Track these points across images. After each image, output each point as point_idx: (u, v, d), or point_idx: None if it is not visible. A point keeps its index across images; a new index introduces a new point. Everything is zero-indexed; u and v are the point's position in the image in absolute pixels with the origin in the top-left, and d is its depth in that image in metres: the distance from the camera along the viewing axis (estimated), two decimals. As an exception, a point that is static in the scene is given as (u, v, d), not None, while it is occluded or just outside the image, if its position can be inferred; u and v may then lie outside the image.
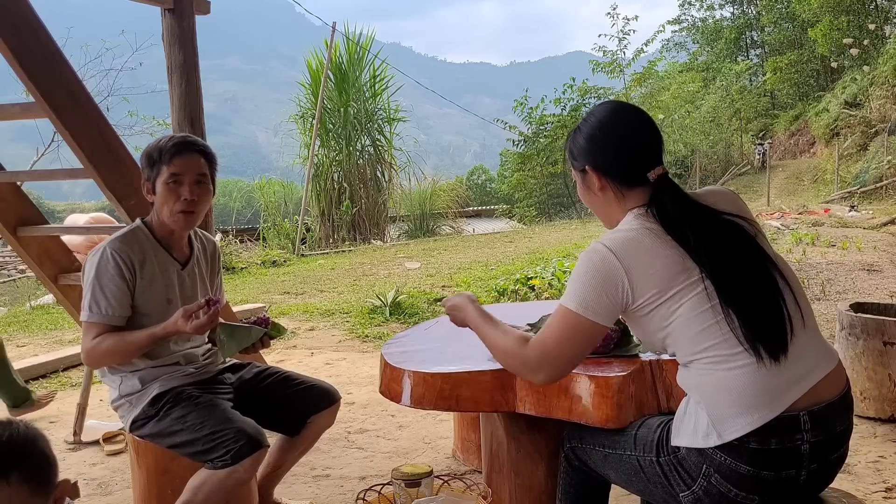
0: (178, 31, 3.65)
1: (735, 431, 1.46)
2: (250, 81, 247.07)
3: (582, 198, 1.76)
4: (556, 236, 12.15)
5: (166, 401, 2.17)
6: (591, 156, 1.67)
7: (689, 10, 31.60)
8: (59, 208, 25.00)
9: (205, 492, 2.03)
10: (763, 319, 1.49)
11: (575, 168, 1.73)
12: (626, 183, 1.64)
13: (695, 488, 1.52)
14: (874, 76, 18.77)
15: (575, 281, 1.58)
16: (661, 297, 1.52)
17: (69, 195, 60.11)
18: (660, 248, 1.53)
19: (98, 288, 2.10)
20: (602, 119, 1.67)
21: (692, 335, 1.51)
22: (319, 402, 2.40)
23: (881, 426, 3.28)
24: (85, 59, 12.14)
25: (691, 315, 1.50)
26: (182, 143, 2.22)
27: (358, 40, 15.00)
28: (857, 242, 8.92)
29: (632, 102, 19.18)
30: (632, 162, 1.63)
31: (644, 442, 1.64)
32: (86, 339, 2.12)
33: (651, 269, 1.52)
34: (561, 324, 1.58)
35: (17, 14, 2.77)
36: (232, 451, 2.00)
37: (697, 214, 1.58)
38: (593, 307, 1.54)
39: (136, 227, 2.24)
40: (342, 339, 5.63)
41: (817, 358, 1.53)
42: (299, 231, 12.62)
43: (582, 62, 20.98)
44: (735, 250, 1.54)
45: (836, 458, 1.55)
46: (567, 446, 1.84)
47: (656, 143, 1.66)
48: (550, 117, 21.06)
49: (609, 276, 1.53)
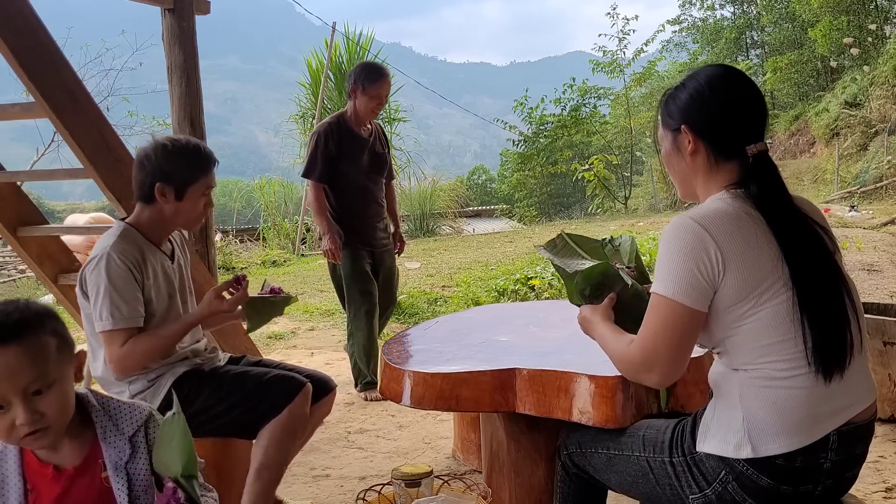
0: (178, 31, 3.66)
1: (770, 449, 1.41)
2: (250, 81, 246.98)
3: (666, 163, 1.60)
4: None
5: (188, 386, 2.20)
6: (692, 113, 1.51)
7: (689, 10, 31.60)
8: (59, 208, 24.96)
9: (275, 444, 2.14)
10: (830, 341, 1.42)
11: (667, 127, 1.56)
12: (722, 151, 1.49)
13: (708, 492, 1.48)
14: (874, 76, 18.76)
15: (663, 262, 1.44)
16: (744, 294, 1.40)
17: (69, 195, 60.07)
18: (759, 238, 1.41)
19: (115, 293, 2.08)
20: (712, 78, 1.51)
21: (762, 344, 1.42)
22: (318, 390, 2.44)
23: (881, 426, 3.28)
24: (85, 59, 12.15)
25: (770, 324, 1.40)
26: (212, 155, 2.27)
27: (358, 40, 14.98)
28: (857, 242, 8.92)
29: (631, 102, 19.07)
30: (735, 129, 1.48)
31: (655, 443, 1.60)
32: (113, 349, 2.08)
33: (746, 257, 1.39)
34: (656, 314, 1.45)
35: (17, 14, 2.77)
36: (281, 395, 2.14)
37: (795, 213, 1.47)
38: (686, 289, 1.40)
39: (126, 229, 2.22)
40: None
41: (861, 392, 1.49)
42: (299, 231, 12.61)
43: (582, 62, 20.96)
44: (819, 264, 1.44)
45: (850, 476, 1.53)
46: (564, 453, 1.80)
47: (763, 118, 1.52)
48: (550, 117, 21.03)
49: (699, 250, 1.39)
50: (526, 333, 2.23)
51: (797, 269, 1.40)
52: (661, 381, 1.49)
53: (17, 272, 10.32)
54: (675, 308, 1.42)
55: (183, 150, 2.21)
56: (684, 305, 1.41)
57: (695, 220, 1.42)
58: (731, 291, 1.40)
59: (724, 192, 1.49)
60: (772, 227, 1.42)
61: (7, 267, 10.86)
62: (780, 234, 1.42)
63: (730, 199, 1.47)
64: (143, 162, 2.21)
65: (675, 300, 1.41)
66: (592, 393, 1.78)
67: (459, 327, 2.52)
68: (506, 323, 2.44)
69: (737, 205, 1.45)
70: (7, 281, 9.92)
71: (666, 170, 1.65)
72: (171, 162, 2.18)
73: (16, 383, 1.16)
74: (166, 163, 2.18)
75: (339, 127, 3.88)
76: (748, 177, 1.48)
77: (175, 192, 2.18)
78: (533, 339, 2.19)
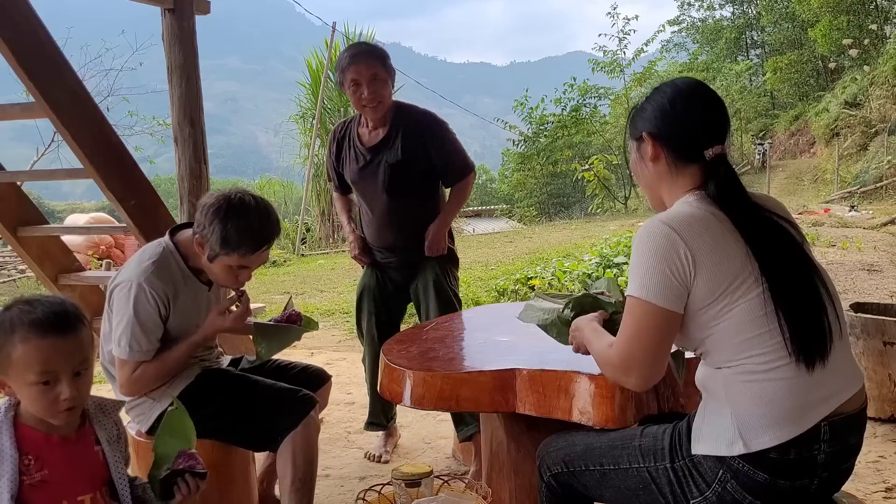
0: (178, 31, 3.66)
1: (762, 443, 1.42)
2: (250, 81, 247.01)
3: (633, 171, 1.68)
4: (556, 236, 12.14)
5: (199, 389, 2.22)
6: (651, 122, 1.58)
7: (688, 10, 31.61)
8: (59, 208, 24.98)
9: (301, 453, 2.17)
10: (807, 329, 1.44)
11: (632, 136, 1.64)
12: (681, 156, 1.55)
13: (708, 494, 1.48)
14: (874, 76, 18.77)
15: (635, 266, 1.48)
16: (717, 292, 1.43)
17: (69, 195, 60.09)
18: (727, 237, 1.45)
19: (138, 328, 2.08)
20: (673, 89, 1.59)
21: (739, 340, 1.44)
22: (313, 382, 2.47)
23: (881, 426, 3.28)
24: (85, 59, 12.14)
25: (746, 319, 1.43)
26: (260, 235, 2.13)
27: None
28: (857, 242, 8.92)
29: (631, 102, 19.09)
30: (691, 133, 1.54)
31: (654, 451, 1.58)
32: (123, 373, 2.13)
33: (715, 256, 1.43)
34: (631, 316, 1.48)
35: (17, 14, 2.77)
36: (293, 416, 2.17)
37: (753, 207, 1.51)
38: (658, 290, 1.43)
39: (167, 254, 2.16)
40: (342, 339, 5.64)
41: (847, 378, 1.50)
42: (299, 231, 12.63)
43: (582, 62, 20.96)
44: (787, 256, 1.48)
45: (845, 468, 1.53)
46: (548, 474, 1.75)
47: (722, 122, 1.58)
48: (550, 117, 21.04)
49: (670, 252, 1.43)
50: (526, 333, 2.22)
51: (766, 262, 1.44)
52: (640, 384, 1.51)
53: (17, 272, 10.31)
54: (650, 309, 1.45)
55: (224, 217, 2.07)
56: (658, 306, 1.44)
57: (664, 223, 1.46)
58: (704, 290, 1.44)
59: (688, 196, 1.54)
60: (737, 225, 1.46)
61: (7, 267, 10.85)
62: (746, 231, 1.46)
63: (695, 201, 1.52)
64: (200, 206, 2.14)
65: (650, 301, 1.44)
66: (592, 393, 1.78)
67: (459, 327, 2.52)
68: (506, 323, 2.43)
69: (703, 206, 1.50)
70: (7, 281, 9.91)
71: (635, 180, 1.72)
72: (212, 222, 2.08)
73: (69, 364, 1.41)
74: (209, 223, 2.09)
75: (345, 129, 3.13)
76: (707, 180, 1.53)
77: (209, 251, 2.13)
78: (533, 339, 2.18)
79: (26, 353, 1.38)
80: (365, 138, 3.02)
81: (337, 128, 3.18)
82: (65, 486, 1.44)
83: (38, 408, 1.42)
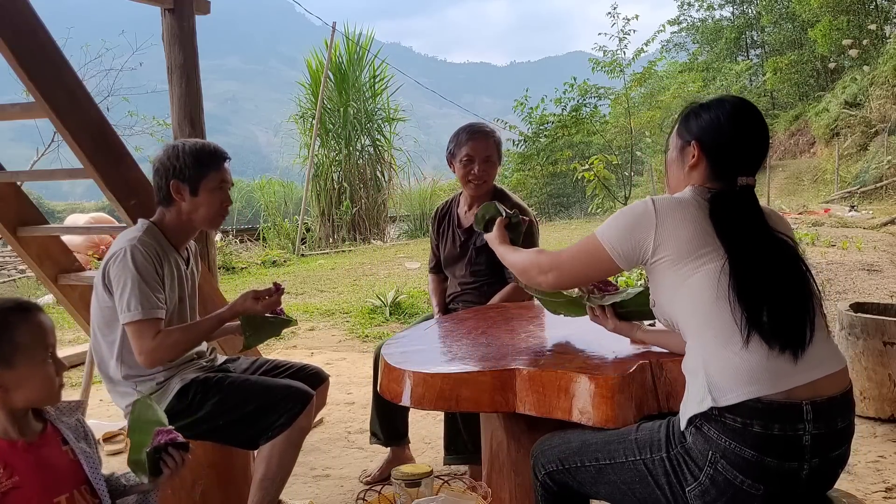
0: (178, 31, 3.65)
1: (730, 399, 1.48)
2: (250, 81, 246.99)
3: (669, 164, 1.80)
4: (556, 236, 12.14)
5: (194, 392, 2.23)
6: (707, 132, 1.69)
7: (688, 10, 31.62)
8: (59, 208, 24.94)
9: (277, 457, 2.19)
10: (789, 318, 1.53)
11: (681, 136, 1.75)
12: (717, 174, 1.67)
13: (702, 478, 1.51)
14: (874, 76, 18.78)
15: (611, 219, 1.69)
16: (680, 259, 1.58)
17: (69, 195, 60.04)
18: (699, 221, 1.60)
19: (143, 283, 2.11)
20: (734, 109, 1.68)
21: (704, 308, 1.55)
22: (311, 381, 2.48)
23: (881, 426, 3.29)
24: (85, 59, 12.14)
25: (705, 284, 1.55)
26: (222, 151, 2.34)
27: (358, 40, 14.99)
28: (857, 242, 8.92)
29: (631, 102, 19.03)
30: (735, 158, 1.66)
31: (650, 443, 1.61)
32: (144, 341, 2.10)
33: (681, 231, 1.59)
34: (582, 243, 1.74)
35: (17, 14, 2.77)
36: (285, 413, 2.19)
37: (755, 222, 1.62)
38: (615, 243, 1.65)
39: (148, 227, 2.27)
40: (342, 339, 5.64)
41: (825, 357, 1.55)
42: (299, 231, 12.61)
43: (582, 62, 20.92)
44: (773, 252, 1.59)
45: (836, 456, 1.54)
46: (542, 473, 1.78)
47: (762, 155, 1.70)
48: (551, 117, 21.02)
49: (641, 223, 1.62)
50: (526, 333, 2.23)
51: (735, 250, 1.56)
52: (553, 284, 1.81)
53: (17, 272, 10.31)
54: (599, 248, 1.68)
55: (192, 148, 2.28)
56: (605, 251, 1.67)
57: (652, 200, 1.65)
58: (666, 256, 1.60)
59: (690, 188, 1.68)
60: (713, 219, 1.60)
61: (7, 267, 10.84)
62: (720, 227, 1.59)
63: (691, 190, 1.67)
64: (157, 165, 2.28)
65: (602, 243, 1.68)
66: (592, 393, 1.78)
67: (459, 327, 2.52)
68: (506, 323, 2.44)
69: (693, 195, 1.65)
70: (7, 281, 9.91)
71: (665, 171, 1.84)
72: (182, 159, 2.25)
73: (54, 339, 1.50)
74: (177, 160, 2.25)
75: (447, 208, 3.18)
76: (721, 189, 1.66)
77: (189, 187, 2.24)
78: (533, 339, 2.19)
79: (30, 330, 1.45)
80: (462, 218, 3.12)
81: (439, 207, 3.25)
82: (39, 489, 1.46)
83: (47, 387, 1.47)
